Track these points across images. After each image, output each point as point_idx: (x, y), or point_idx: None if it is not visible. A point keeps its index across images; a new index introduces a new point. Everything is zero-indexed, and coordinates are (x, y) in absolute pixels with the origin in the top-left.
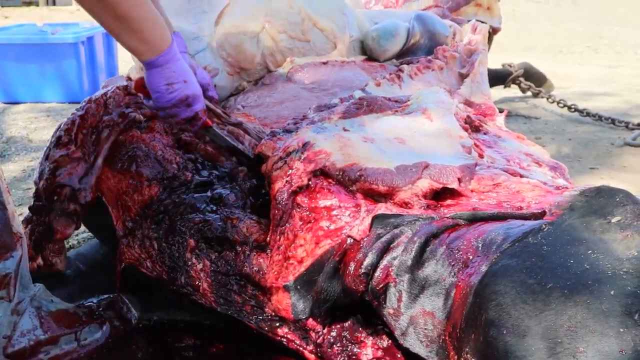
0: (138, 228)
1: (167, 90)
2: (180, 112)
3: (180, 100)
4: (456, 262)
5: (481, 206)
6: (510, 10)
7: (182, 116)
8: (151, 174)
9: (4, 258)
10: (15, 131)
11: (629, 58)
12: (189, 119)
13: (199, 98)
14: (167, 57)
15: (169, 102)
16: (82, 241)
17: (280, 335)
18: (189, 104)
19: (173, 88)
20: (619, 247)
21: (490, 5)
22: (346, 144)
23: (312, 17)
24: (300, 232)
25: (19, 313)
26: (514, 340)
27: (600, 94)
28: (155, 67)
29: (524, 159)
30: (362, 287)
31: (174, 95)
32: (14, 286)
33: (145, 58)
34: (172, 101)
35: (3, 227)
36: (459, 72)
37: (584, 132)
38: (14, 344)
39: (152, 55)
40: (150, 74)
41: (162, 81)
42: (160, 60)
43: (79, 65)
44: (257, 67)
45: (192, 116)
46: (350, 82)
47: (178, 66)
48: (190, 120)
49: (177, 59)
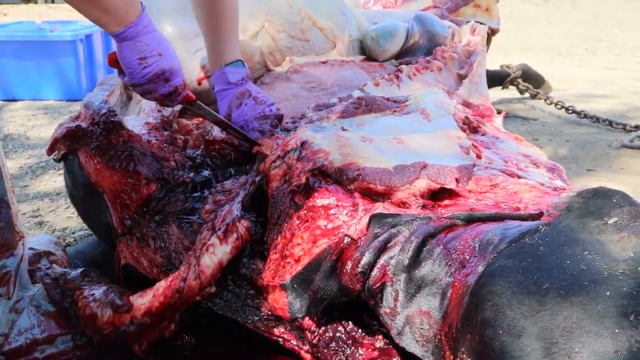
0: (136, 226)
1: (141, 65)
2: (157, 88)
3: (156, 75)
4: (453, 262)
5: (479, 207)
6: (508, 12)
7: (160, 92)
8: (149, 172)
9: (5, 256)
10: (13, 128)
11: (628, 60)
12: (167, 95)
13: (177, 72)
14: (137, 28)
15: (144, 77)
16: (79, 239)
17: (276, 335)
18: (166, 78)
19: (147, 62)
20: (615, 248)
21: (489, 6)
22: (344, 144)
23: (311, 16)
24: (297, 231)
25: (18, 311)
26: (510, 340)
27: (598, 96)
28: (125, 40)
29: (522, 160)
30: (359, 286)
31: (148, 70)
32: (14, 284)
33: (112, 30)
34: (147, 76)
35: (6, 226)
36: (457, 73)
37: (582, 134)
38: (10, 342)
39: (118, 27)
40: (121, 48)
41: (134, 55)
42: (130, 32)
43: (77, 63)
44: (257, 66)
45: (171, 91)
46: (349, 82)
47: (151, 38)
48: (169, 96)
49: (149, 31)
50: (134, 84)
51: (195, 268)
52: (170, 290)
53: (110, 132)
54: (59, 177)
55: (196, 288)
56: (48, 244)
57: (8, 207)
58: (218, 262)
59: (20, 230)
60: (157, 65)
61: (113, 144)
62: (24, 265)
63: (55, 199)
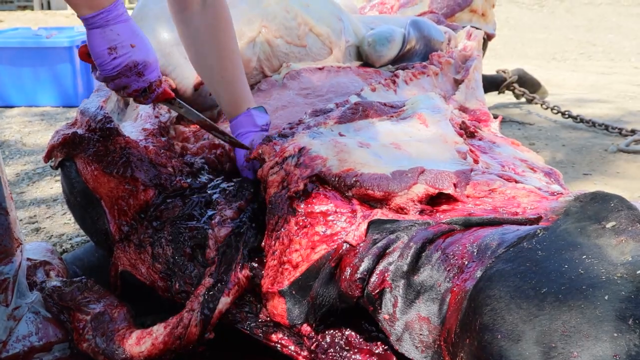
0: (134, 233)
1: (110, 56)
2: (130, 83)
3: (127, 67)
4: (451, 267)
5: (477, 211)
6: (504, 17)
7: (133, 87)
8: (146, 178)
9: (3, 263)
10: (9, 135)
11: (623, 65)
12: (141, 91)
13: (152, 66)
14: (110, 15)
15: (114, 69)
16: (76, 245)
17: (274, 341)
18: (139, 72)
19: (117, 53)
20: (614, 252)
21: (485, 11)
22: (342, 150)
23: (308, 22)
24: (295, 237)
25: (16, 318)
26: (509, 344)
27: (594, 100)
28: (95, 27)
29: (519, 164)
30: (357, 292)
31: (118, 62)
32: (12, 291)
33: (83, 13)
34: (118, 69)
35: (4, 233)
36: (454, 78)
37: (578, 139)
38: (8, 349)
39: (90, 10)
40: (90, 36)
41: (104, 45)
42: (100, 18)
43: (73, 69)
44: (253, 72)
45: (145, 87)
46: (345, 88)
47: (124, 28)
48: (143, 92)
49: (123, 20)
50: (105, 77)
51: (197, 315)
52: (170, 337)
53: (107, 139)
54: (55, 184)
55: (197, 334)
56: (44, 252)
57: (6, 214)
58: (218, 311)
59: (18, 237)
60: (128, 57)
61: (110, 151)
62: (22, 272)
63: (52, 206)
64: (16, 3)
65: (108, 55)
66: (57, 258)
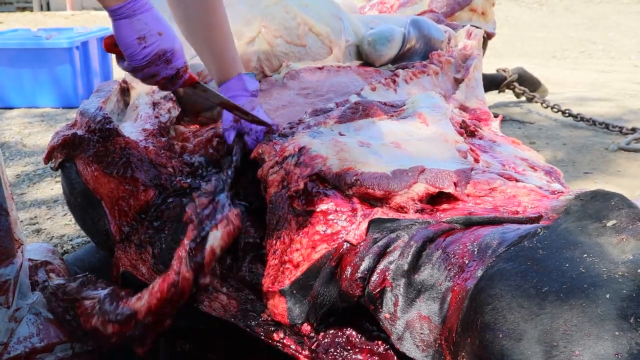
0: (134, 233)
1: (140, 45)
2: (159, 71)
3: (157, 55)
4: (452, 266)
5: (477, 210)
6: (503, 16)
7: (162, 75)
8: (146, 178)
9: (4, 264)
10: (9, 136)
11: (623, 63)
12: (169, 78)
13: (179, 52)
14: (136, 5)
15: (144, 59)
16: (77, 246)
17: (275, 340)
18: (167, 59)
19: (146, 42)
20: (615, 251)
21: (485, 10)
22: (342, 149)
23: (308, 21)
24: (296, 236)
25: (17, 320)
26: (510, 344)
27: (594, 99)
28: (123, 17)
29: (520, 163)
30: (358, 291)
31: (148, 51)
32: (13, 293)
33: (110, 4)
34: (148, 58)
35: (5, 234)
36: (454, 77)
37: (578, 137)
38: (9, 351)
39: (117, 1)
40: (119, 27)
41: (133, 35)
42: (128, 8)
43: (73, 70)
44: (253, 72)
45: (173, 74)
46: (345, 88)
47: (150, 16)
48: (171, 79)
49: (148, 8)
50: (135, 68)
51: (186, 259)
52: (165, 285)
53: (107, 139)
54: (56, 185)
55: (190, 279)
56: (45, 252)
57: (7, 215)
58: (210, 248)
59: (19, 238)
60: (157, 45)
61: (110, 151)
62: (23, 274)
63: (53, 207)
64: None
65: (138, 45)
66: (58, 258)
